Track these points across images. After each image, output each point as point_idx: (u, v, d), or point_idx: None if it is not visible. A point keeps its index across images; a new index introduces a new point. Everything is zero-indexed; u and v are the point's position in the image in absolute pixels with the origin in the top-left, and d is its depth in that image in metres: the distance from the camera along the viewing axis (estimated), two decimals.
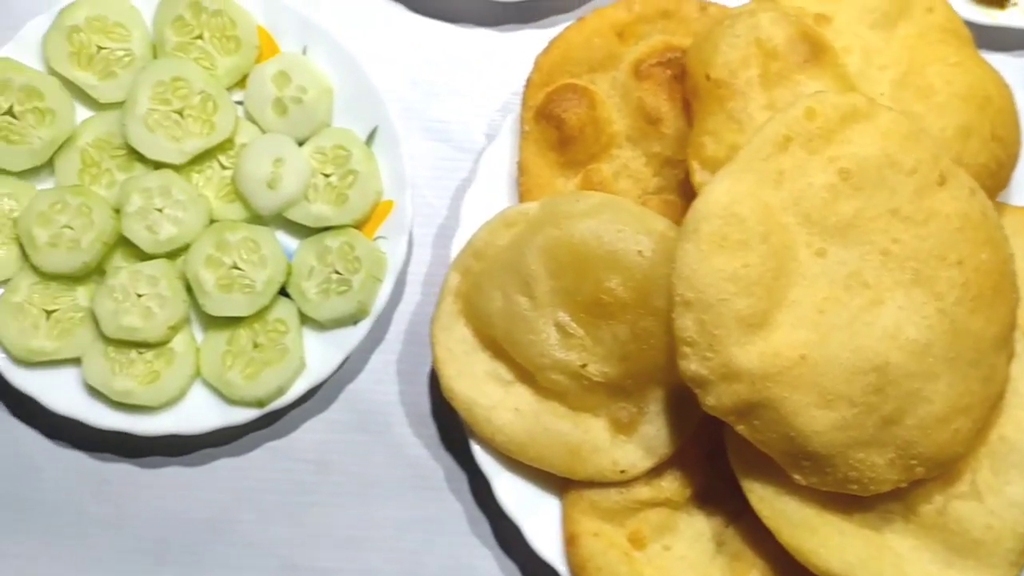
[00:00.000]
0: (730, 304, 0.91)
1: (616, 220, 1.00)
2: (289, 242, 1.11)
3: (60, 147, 1.09)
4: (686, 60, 1.06)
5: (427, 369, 1.13)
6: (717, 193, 0.93)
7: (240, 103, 1.12)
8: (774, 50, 1.01)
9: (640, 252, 0.99)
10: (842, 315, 0.92)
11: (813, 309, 0.92)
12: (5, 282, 1.07)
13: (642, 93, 1.08)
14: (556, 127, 1.07)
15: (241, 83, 1.13)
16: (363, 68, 1.11)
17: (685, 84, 1.06)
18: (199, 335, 1.09)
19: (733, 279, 0.91)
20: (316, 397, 1.11)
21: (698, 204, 0.94)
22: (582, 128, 1.07)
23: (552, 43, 1.09)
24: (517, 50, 1.18)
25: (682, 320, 0.92)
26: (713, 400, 0.93)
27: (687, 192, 1.08)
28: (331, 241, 1.09)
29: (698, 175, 1.03)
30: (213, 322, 1.08)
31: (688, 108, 1.07)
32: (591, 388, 1.02)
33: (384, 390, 1.13)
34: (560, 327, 1.01)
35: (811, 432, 0.92)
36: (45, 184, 1.11)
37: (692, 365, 0.92)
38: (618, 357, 1.01)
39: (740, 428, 0.94)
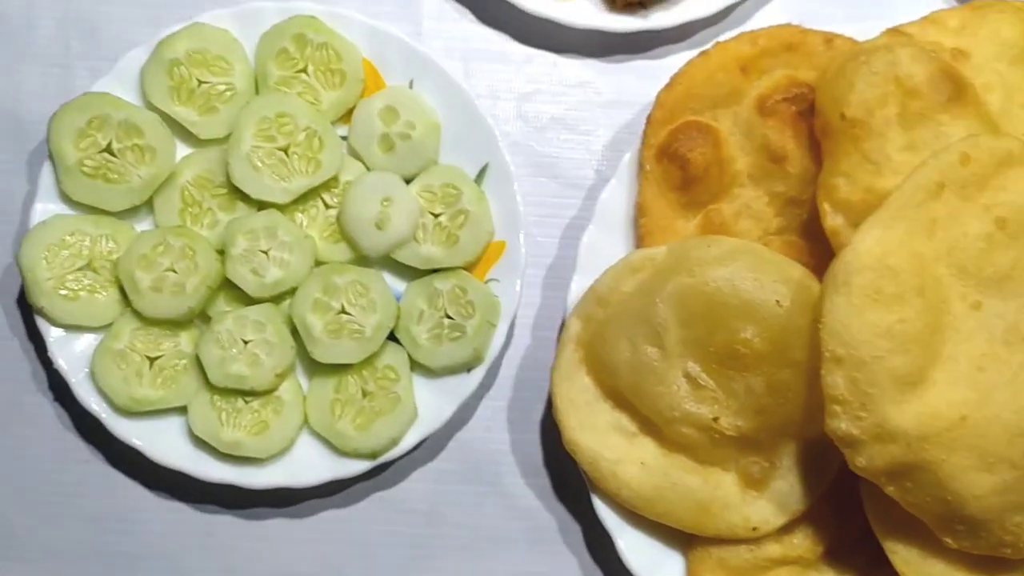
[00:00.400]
0: (885, 362, 0.87)
1: (752, 267, 0.96)
2: (395, 284, 1.07)
3: (159, 185, 1.05)
4: (816, 96, 1.01)
5: (539, 417, 1.09)
6: (868, 243, 0.89)
7: (344, 138, 1.08)
8: (914, 88, 0.96)
9: (778, 302, 0.94)
10: (1003, 372, 0.87)
11: (971, 366, 0.88)
12: (105, 327, 1.03)
13: (767, 130, 1.04)
14: (680, 167, 1.03)
15: (345, 118, 1.08)
16: (473, 102, 1.07)
17: (815, 122, 1.02)
18: (303, 381, 1.05)
19: (888, 335, 0.87)
20: (424, 445, 1.07)
21: (847, 255, 0.89)
22: (707, 168, 1.03)
23: (674, 79, 1.05)
24: (626, 81, 1.14)
25: (832, 377, 0.88)
26: (864, 461, 0.88)
27: (810, 233, 1.04)
28: (441, 284, 1.05)
29: (830, 218, 0.99)
30: (319, 369, 1.04)
31: (816, 146, 1.03)
32: (722, 442, 0.98)
33: (495, 438, 1.08)
34: (690, 378, 0.97)
35: (969, 496, 0.87)
36: (143, 224, 1.06)
37: (842, 424, 0.88)
38: (752, 410, 0.96)
39: (890, 490, 0.90)
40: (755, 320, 0.95)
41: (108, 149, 1.03)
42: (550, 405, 1.07)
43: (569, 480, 1.06)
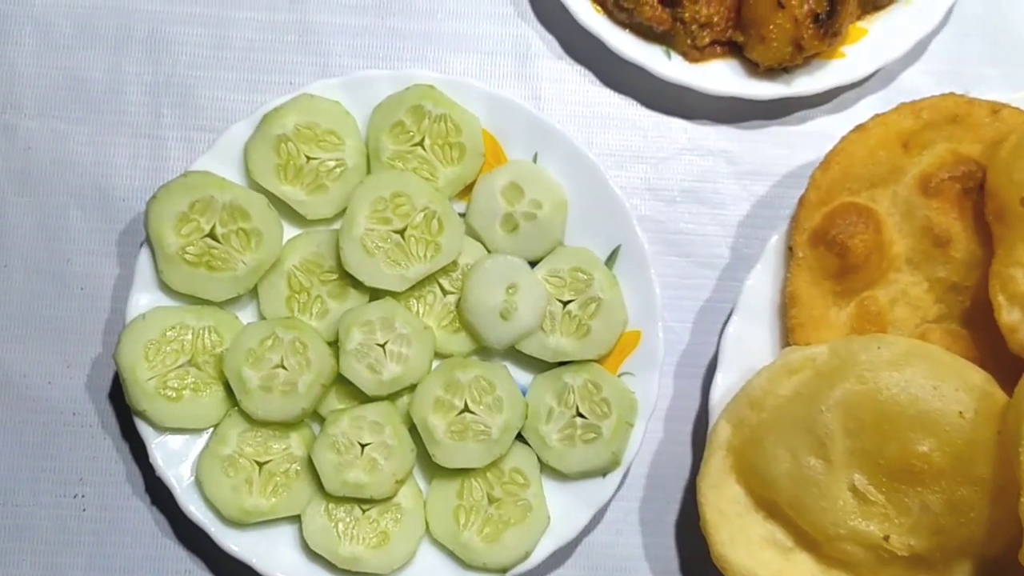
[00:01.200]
0: None
1: (930, 373, 0.87)
2: (519, 376, 0.98)
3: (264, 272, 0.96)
4: (988, 176, 0.93)
5: (672, 518, 1.00)
6: None
7: (461, 215, 0.99)
8: None
9: (960, 413, 0.86)
10: None
11: None
12: (208, 428, 0.95)
13: (930, 212, 0.95)
14: (838, 254, 0.94)
15: (463, 194, 1.00)
16: (605, 176, 0.98)
17: (985, 203, 0.93)
18: (422, 485, 0.96)
19: None
20: None
21: None
22: (868, 255, 0.94)
23: (831, 157, 0.96)
24: (762, 150, 1.05)
25: None
26: None
27: (974, 322, 0.95)
28: (571, 378, 0.96)
29: (1006, 313, 0.90)
30: (440, 471, 0.95)
31: (984, 228, 0.94)
32: (890, 561, 0.89)
33: (626, 542, 1.00)
34: (857, 493, 0.88)
35: None
36: (245, 313, 0.98)
37: None
38: (928, 530, 0.87)
39: None
40: (934, 432, 0.86)
41: (211, 234, 0.95)
42: (686, 506, 1.00)
43: None
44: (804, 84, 1.02)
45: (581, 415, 0.95)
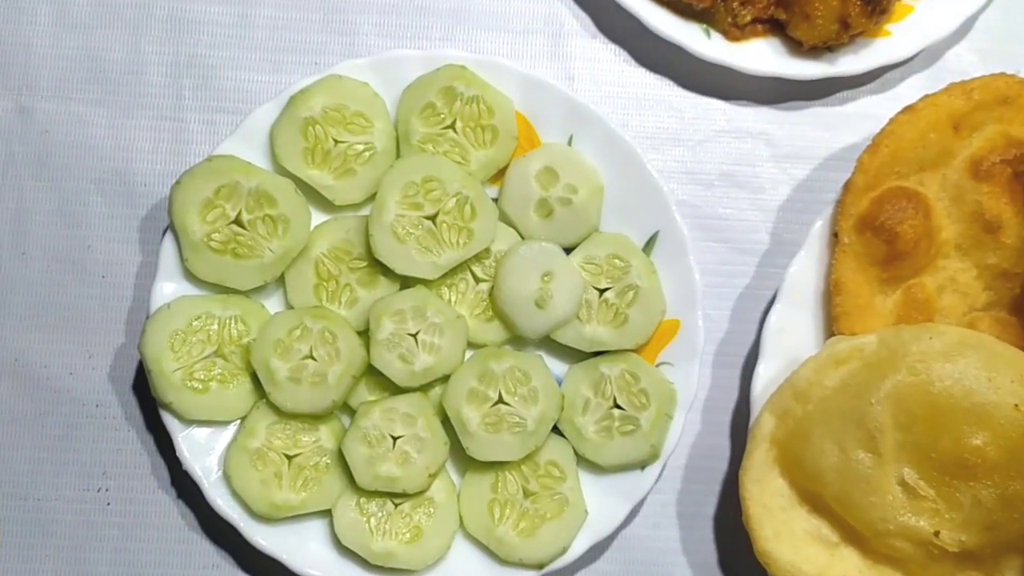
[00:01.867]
0: None
1: (984, 365, 0.84)
2: (554, 366, 0.95)
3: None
4: None
5: (711, 512, 0.97)
6: None
7: (494, 200, 0.96)
8: None
9: (1016, 406, 0.83)
10: None
11: None
12: (236, 420, 0.92)
13: (980, 196, 0.92)
14: (886, 241, 0.91)
15: (495, 178, 0.96)
16: (643, 160, 0.94)
17: None
18: (455, 478, 0.94)
19: None
20: None
21: None
22: (917, 242, 0.91)
23: (879, 140, 0.92)
24: (803, 132, 1.02)
25: None
26: None
27: (1023, 309, 0.92)
28: (608, 368, 0.93)
29: None
30: (473, 464, 0.92)
31: None
32: (940, 557, 0.86)
33: (664, 536, 0.97)
34: (907, 487, 0.85)
35: None
36: (272, 301, 0.95)
37: None
38: (980, 525, 0.84)
39: None
40: (988, 426, 0.83)
41: (237, 220, 0.92)
42: (725, 500, 0.97)
43: None
44: (848, 63, 0.98)
45: (619, 406, 0.92)
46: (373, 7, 1.02)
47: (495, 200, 0.96)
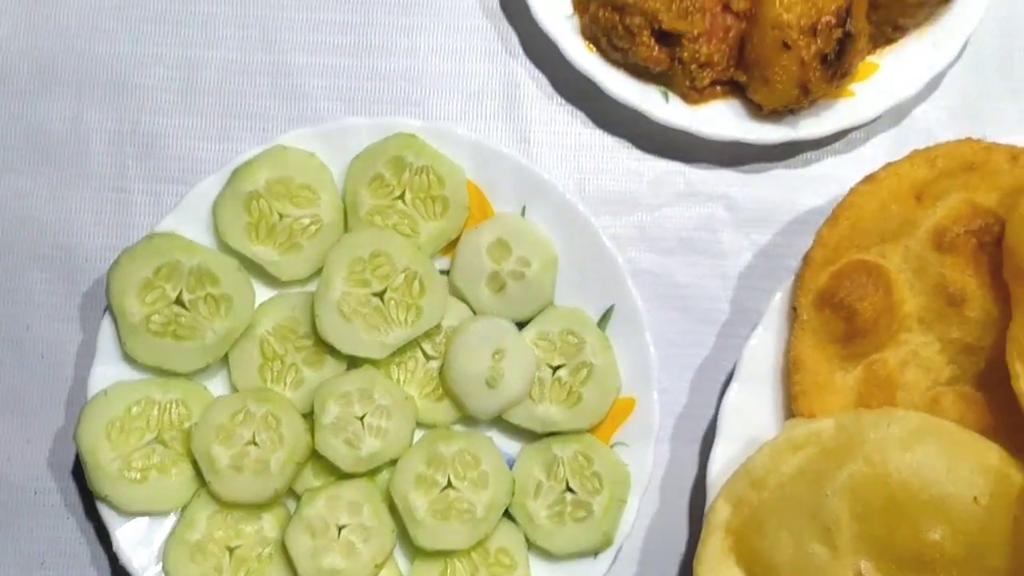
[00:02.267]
0: None
1: (943, 453, 0.81)
2: (505, 446, 0.93)
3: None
4: (1006, 233, 0.86)
5: None
6: None
7: (444, 272, 0.93)
8: None
9: (975, 498, 0.80)
10: None
11: None
12: (176, 509, 0.89)
13: (944, 269, 0.88)
14: (845, 319, 0.88)
15: (447, 249, 0.94)
16: (598, 232, 0.92)
17: (1003, 262, 0.86)
18: (402, 563, 0.91)
19: None
20: None
21: None
22: (877, 319, 0.88)
23: (838, 212, 0.89)
24: (766, 195, 0.99)
25: None
26: None
27: (989, 384, 0.90)
28: (561, 450, 0.90)
29: None
30: (422, 552, 0.90)
31: (1001, 285, 0.88)
32: None
33: None
34: None
35: None
36: (216, 382, 0.92)
37: None
38: None
39: None
40: (947, 519, 0.80)
41: (178, 300, 0.89)
42: None
43: None
44: (811, 127, 0.95)
45: (571, 490, 0.90)
46: (324, 71, 0.99)
47: (447, 272, 0.93)
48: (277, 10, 0.99)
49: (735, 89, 0.96)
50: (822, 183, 0.98)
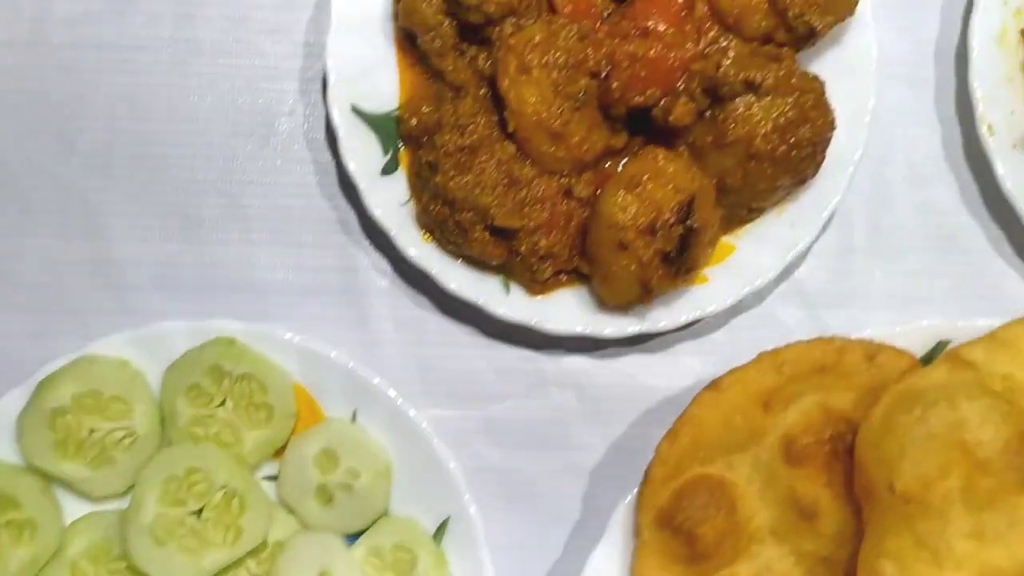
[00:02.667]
0: None
1: None
2: None
3: (43, 565, 0.85)
4: (857, 447, 0.82)
5: None
6: None
7: (271, 478, 0.88)
8: (986, 461, 0.77)
9: None
10: None
11: None
12: None
13: (795, 482, 0.83)
14: (686, 542, 0.82)
15: (277, 454, 0.88)
16: (431, 441, 0.86)
17: (855, 477, 0.82)
18: None
19: None
20: None
21: None
22: (720, 541, 0.83)
23: (679, 427, 0.84)
24: (620, 383, 0.94)
25: None
26: None
27: None
28: None
29: None
30: None
31: (853, 500, 0.83)
32: None
33: None
34: None
35: None
36: None
37: None
38: None
39: None
40: None
41: None
42: None
43: None
44: (661, 317, 0.90)
45: None
46: (150, 259, 0.93)
47: (275, 478, 0.88)
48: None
49: (582, 276, 0.91)
50: (680, 368, 0.94)
